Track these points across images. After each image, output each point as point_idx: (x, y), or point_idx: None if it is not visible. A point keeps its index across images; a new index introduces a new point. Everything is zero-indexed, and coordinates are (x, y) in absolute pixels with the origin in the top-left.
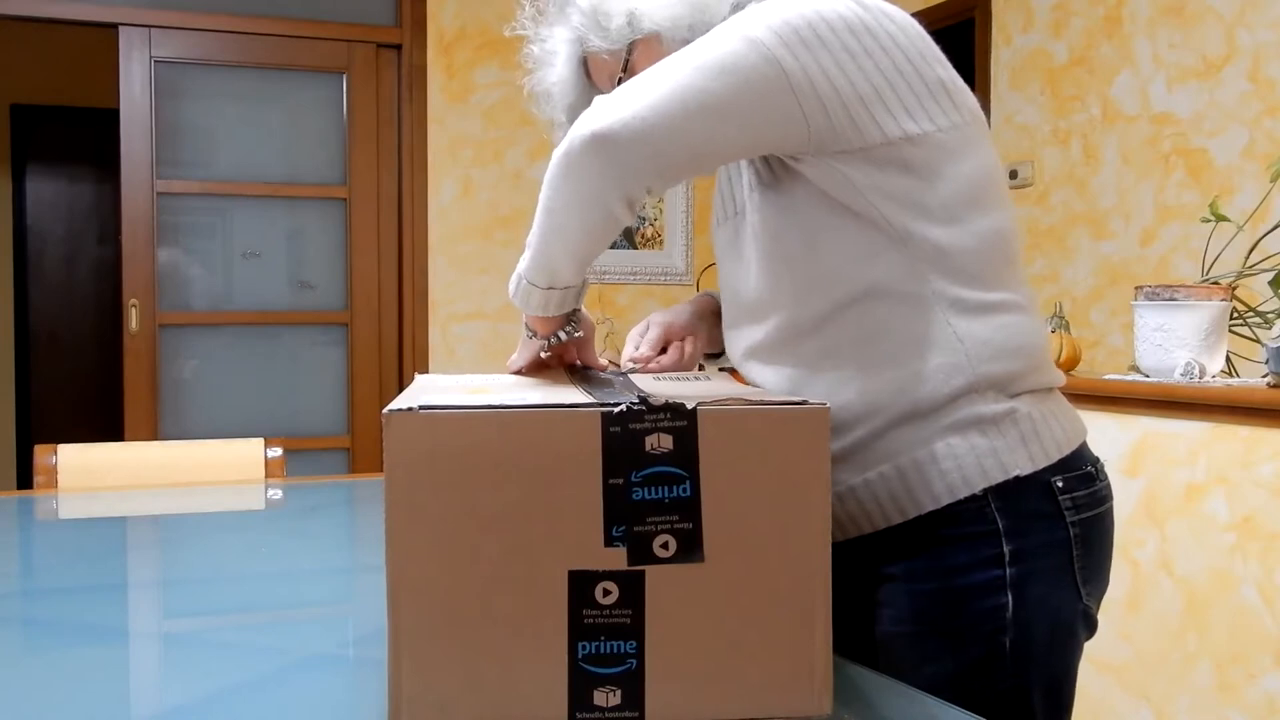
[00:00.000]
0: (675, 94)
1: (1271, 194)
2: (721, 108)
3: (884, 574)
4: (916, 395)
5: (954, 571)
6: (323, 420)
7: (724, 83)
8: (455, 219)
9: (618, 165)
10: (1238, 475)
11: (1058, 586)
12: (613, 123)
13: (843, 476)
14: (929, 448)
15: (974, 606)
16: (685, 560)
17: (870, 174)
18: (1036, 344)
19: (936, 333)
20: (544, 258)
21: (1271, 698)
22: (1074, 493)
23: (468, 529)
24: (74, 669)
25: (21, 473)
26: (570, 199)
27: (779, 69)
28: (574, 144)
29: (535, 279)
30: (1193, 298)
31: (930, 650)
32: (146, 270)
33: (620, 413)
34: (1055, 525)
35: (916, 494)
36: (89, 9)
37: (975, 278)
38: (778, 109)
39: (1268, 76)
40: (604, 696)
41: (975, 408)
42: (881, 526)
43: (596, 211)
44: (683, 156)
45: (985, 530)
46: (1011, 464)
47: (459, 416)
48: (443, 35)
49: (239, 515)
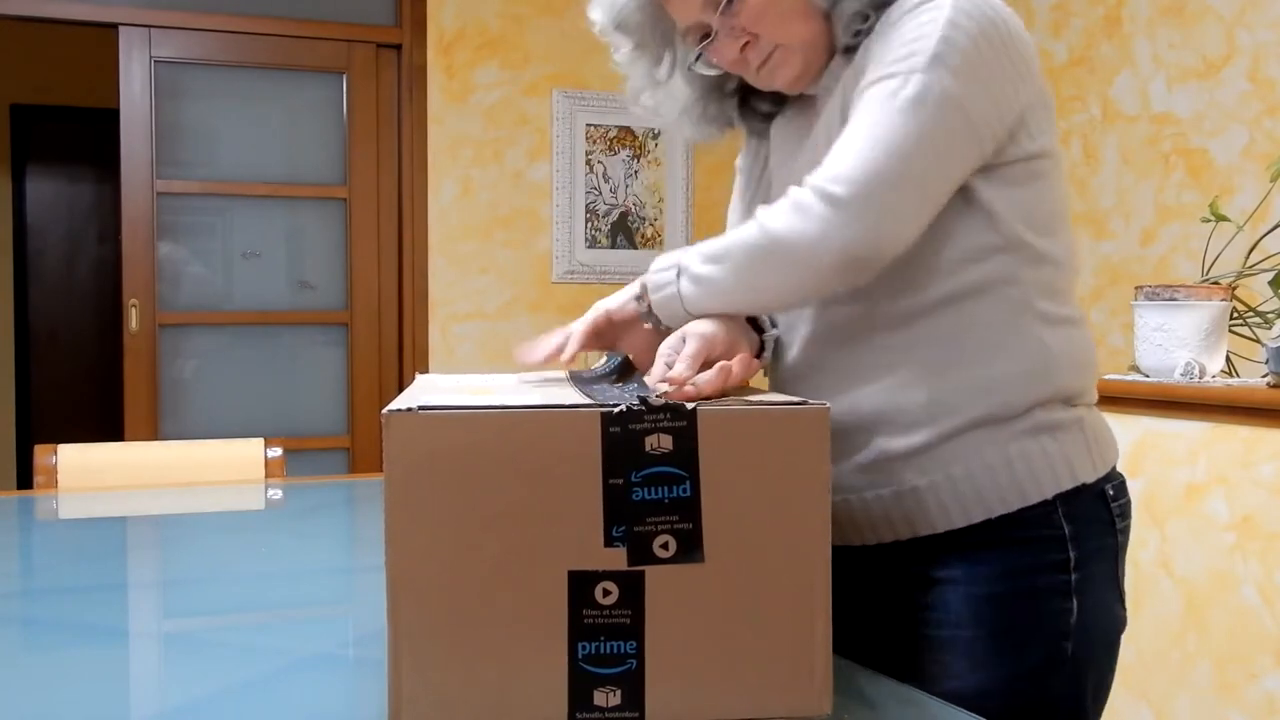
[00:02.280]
0: (914, 190)
1: (1271, 194)
2: (940, 180)
3: (934, 577)
4: (996, 400)
5: (1020, 574)
6: (323, 420)
7: (933, 159)
8: (455, 219)
9: (866, 274)
10: (1238, 475)
11: (1109, 591)
12: (866, 243)
13: (906, 477)
14: (1003, 451)
15: (1040, 611)
16: (685, 560)
17: (996, 183)
18: (1095, 361)
19: (1024, 340)
20: (723, 300)
21: (1271, 698)
22: (1119, 500)
23: (468, 529)
24: (74, 669)
25: (21, 473)
26: (789, 291)
27: (968, 121)
28: (820, 257)
29: (701, 303)
30: (1193, 298)
31: (987, 655)
32: (146, 270)
33: (620, 413)
34: (1107, 532)
35: (987, 498)
36: (89, 9)
37: (1059, 291)
38: (970, 160)
39: (1268, 76)
40: (604, 697)
41: (1050, 414)
42: (942, 530)
43: (806, 298)
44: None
45: (1052, 535)
46: (1080, 470)
47: (458, 417)
48: (443, 35)
49: (239, 515)
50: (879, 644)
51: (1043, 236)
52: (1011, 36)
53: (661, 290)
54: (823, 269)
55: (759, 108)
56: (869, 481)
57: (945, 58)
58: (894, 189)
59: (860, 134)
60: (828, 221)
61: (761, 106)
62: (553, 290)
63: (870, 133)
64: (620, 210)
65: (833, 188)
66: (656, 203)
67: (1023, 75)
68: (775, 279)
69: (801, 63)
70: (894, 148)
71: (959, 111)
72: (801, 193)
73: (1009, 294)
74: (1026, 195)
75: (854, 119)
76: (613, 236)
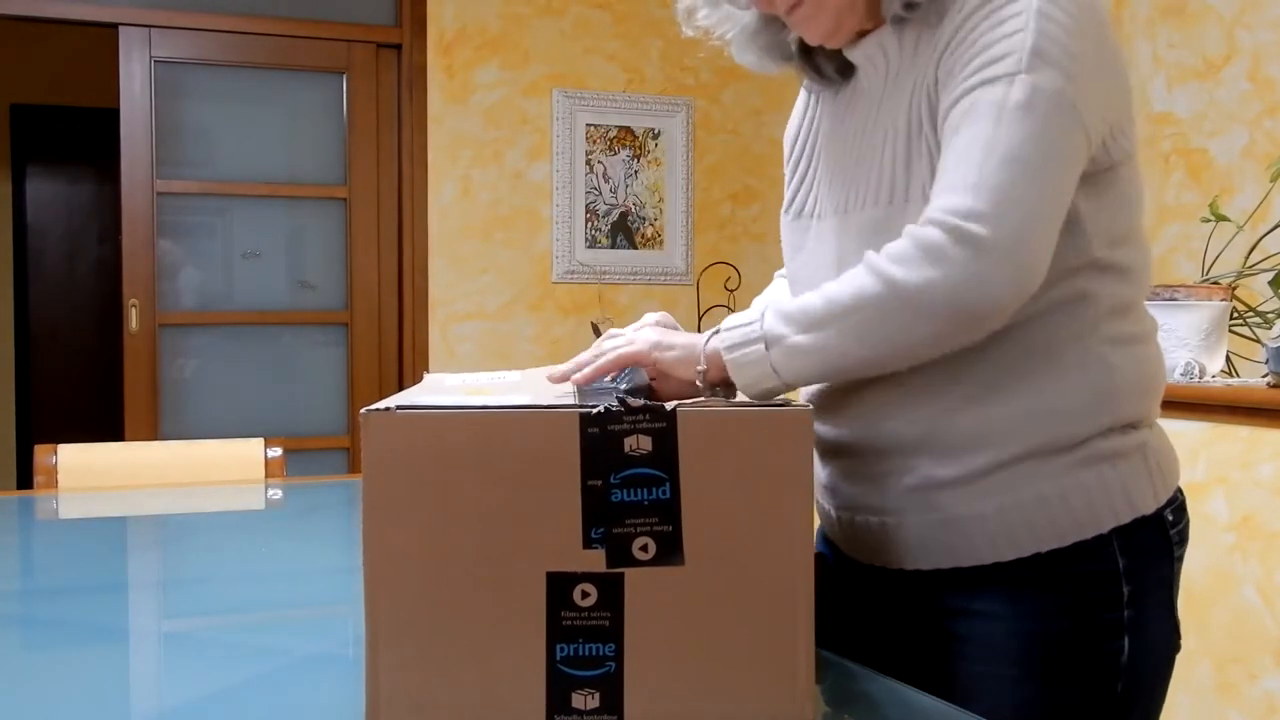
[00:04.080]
0: (1054, 214)
1: (1271, 194)
2: (1068, 194)
3: (972, 609)
4: (1053, 429)
5: (1069, 613)
6: (323, 420)
7: (1059, 172)
8: (455, 219)
9: (1004, 320)
10: (1238, 475)
11: (1164, 623)
12: (1016, 286)
13: (953, 505)
14: (1058, 483)
15: (1089, 652)
16: (665, 563)
17: (1088, 194)
18: (1164, 375)
19: (1087, 364)
20: (827, 366)
21: (1271, 698)
22: (1178, 526)
23: (446, 530)
24: (74, 669)
25: (21, 473)
26: (914, 347)
27: (1080, 123)
28: (962, 308)
29: (802, 373)
30: (1193, 298)
31: (1030, 695)
32: (146, 270)
33: (598, 414)
34: (1164, 562)
35: (1039, 531)
36: (89, 9)
37: (1130, 306)
38: (1083, 166)
39: (1268, 76)
40: (582, 699)
41: (1110, 442)
42: (989, 562)
43: (916, 357)
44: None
45: (1106, 570)
46: (1140, 501)
47: (436, 417)
48: (443, 35)
49: (239, 515)
50: (908, 668)
51: (1119, 248)
52: (1106, 24)
53: (748, 368)
54: (962, 321)
55: (823, 68)
56: (914, 505)
57: (1047, 52)
58: (1037, 220)
59: (977, 152)
60: (969, 268)
61: (825, 67)
62: (553, 290)
63: (988, 150)
64: (620, 210)
65: (972, 227)
66: (656, 203)
67: (1118, 68)
68: (900, 337)
69: (832, 20)
70: (1022, 167)
71: (1073, 113)
72: (928, 234)
73: (1078, 314)
74: (1110, 205)
75: (961, 132)
76: (613, 236)
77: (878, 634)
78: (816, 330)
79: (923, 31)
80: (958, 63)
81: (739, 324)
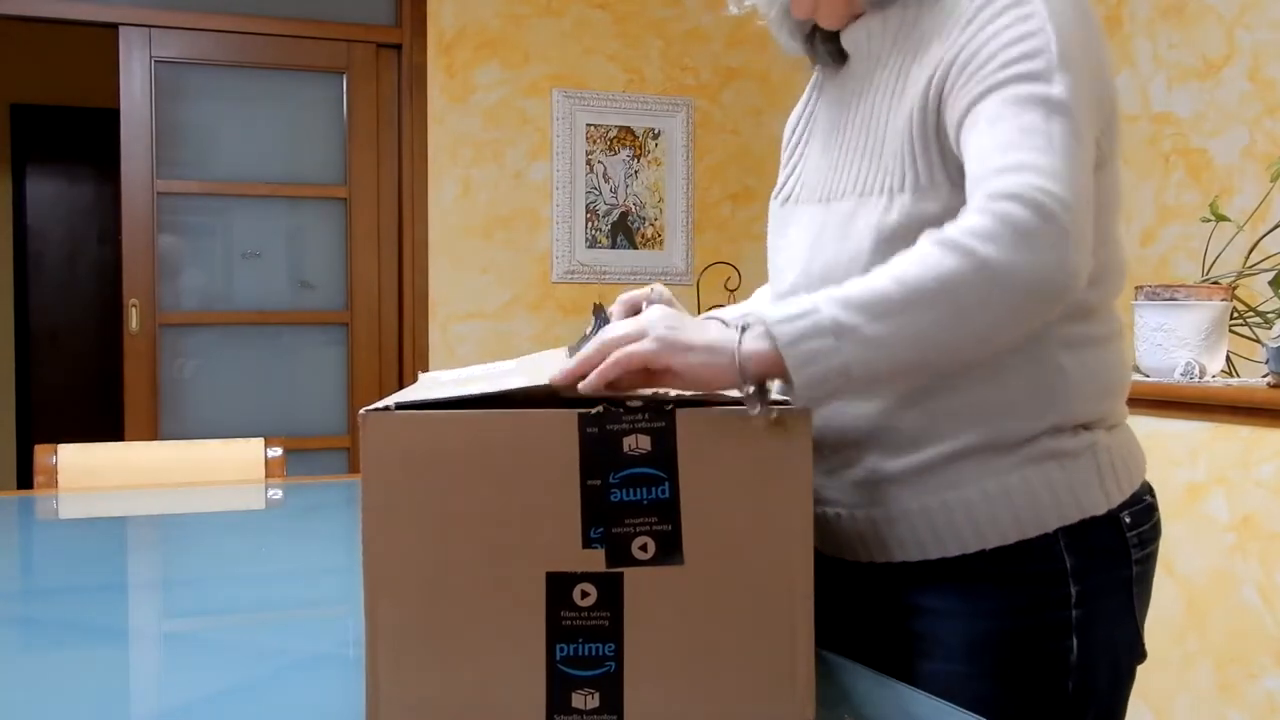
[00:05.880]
0: (1090, 215)
1: (1271, 194)
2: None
3: (927, 606)
4: (997, 426)
5: (1016, 613)
6: (322, 420)
7: (1089, 167)
8: (455, 219)
9: (1064, 302)
10: (1238, 475)
11: (1119, 625)
12: (1086, 267)
13: (899, 497)
14: (1002, 481)
15: (1037, 651)
16: (664, 562)
17: None
18: (1127, 377)
19: (1038, 365)
20: (885, 367)
21: (1271, 698)
22: (1140, 528)
23: (445, 530)
24: (74, 669)
25: (21, 473)
26: (999, 330)
27: (1087, 122)
28: (1054, 288)
29: (877, 367)
30: (1193, 298)
31: (982, 692)
32: (146, 270)
33: (597, 413)
34: (1120, 564)
35: (983, 529)
36: (89, 9)
37: (1093, 310)
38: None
39: (1268, 76)
40: (582, 699)
41: (1058, 441)
42: (934, 557)
43: (994, 345)
44: None
45: (1052, 569)
46: (1087, 503)
47: (436, 418)
48: (443, 35)
49: (239, 515)
50: (870, 662)
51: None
52: (1100, 24)
53: (813, 364)
54: (1047, 303)
55: (820, 51)
56: (862, 499)
57: (1070, 54)
58: (1090, 214)
59: (1039, 139)
60: (1058, 251)
61: (821, 51)
62: (553, 290)
63: (1048, 140)
64: (620, 210)
65: (1056, 208)
66: (656, 203)
67: (1109, 68)
68: (995, 320)
69: (845, 3)
70: (1078, 163)
71: (1091, 114)
72: (1012, 211)
73: None
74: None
75: (1007, 120)
76: (613, 236)
77: (842, 627)
78: (897, 316)
79: (904, 17)
80: (975, 58)
81: (792, 315)
